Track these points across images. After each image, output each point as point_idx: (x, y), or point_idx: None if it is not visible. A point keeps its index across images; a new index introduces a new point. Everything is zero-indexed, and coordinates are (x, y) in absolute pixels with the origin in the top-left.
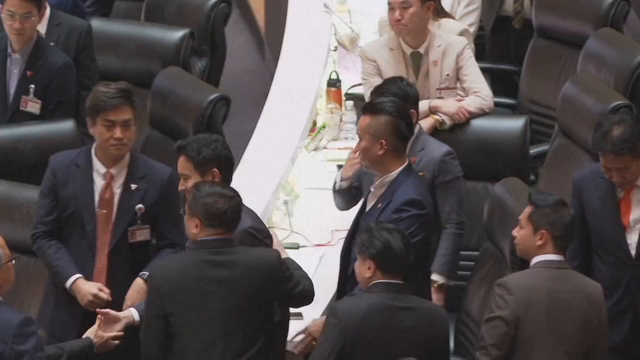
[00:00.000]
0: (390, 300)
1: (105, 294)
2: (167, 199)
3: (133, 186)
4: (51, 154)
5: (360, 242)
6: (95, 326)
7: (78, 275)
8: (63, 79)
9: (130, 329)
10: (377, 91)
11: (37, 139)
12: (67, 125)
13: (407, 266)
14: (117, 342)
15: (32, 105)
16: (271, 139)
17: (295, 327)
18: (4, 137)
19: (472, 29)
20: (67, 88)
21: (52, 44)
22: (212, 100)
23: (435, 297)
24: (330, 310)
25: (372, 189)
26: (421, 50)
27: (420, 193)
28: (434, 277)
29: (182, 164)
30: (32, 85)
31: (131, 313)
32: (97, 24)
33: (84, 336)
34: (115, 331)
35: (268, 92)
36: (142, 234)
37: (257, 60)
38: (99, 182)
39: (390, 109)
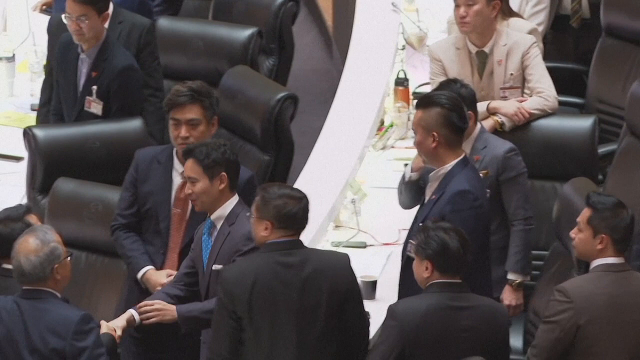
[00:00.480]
0: (449, 300)
1: None
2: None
3: None
4: (119, 153)
5: (416, 242)
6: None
7: (149, 266)
8: (124, 82)
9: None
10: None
11: (106, 138)
12: (135, 124)
13: (464, 265)
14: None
15: (95, 106)
16: (339, 137)
17: None
18: (73, 135)
19: (540, 28)
20: (129, 91)
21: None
22: (280, 99)
23: (513, 296)
24: (388, 312)
25: (428, 183)
26: (486, 49)
27: (472, 185)
28: (510, 276)
29: (191, 167)
30: (95, 87)
31: (131, 314)
32: (165, 22)
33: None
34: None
35: (336, 91)
36: None
37: (325, 59)
38: (177, 181)
39: (441, 100)
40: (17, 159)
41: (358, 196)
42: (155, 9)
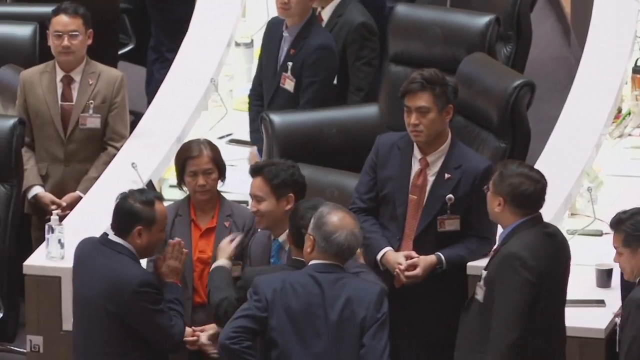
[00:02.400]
0: None
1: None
2: (479, 192)
3: (446, 175)
4: (355, 139)
5: (623, 235)
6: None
7: (389, 248)
8: (316, 60)
9: None
10: None
11: (342, 124)
12: (371, 110)
13: None
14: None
15: (289, 83)
16: (576, 125)
17: (595, 313)
18: (309, 121)
19: None
20: (319, 70)
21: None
22: (516, 87)
23: None
24: (635, 303)
25: None
26: None
27: None
28: None
29: (258, 186)
30: (290, 63)
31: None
32: (402, 9)
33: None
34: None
35: (573, 79)
36: (451, 224)
37: (563, 47)
38: (415, 167)
39: None
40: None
41: (594, 184)
42: None
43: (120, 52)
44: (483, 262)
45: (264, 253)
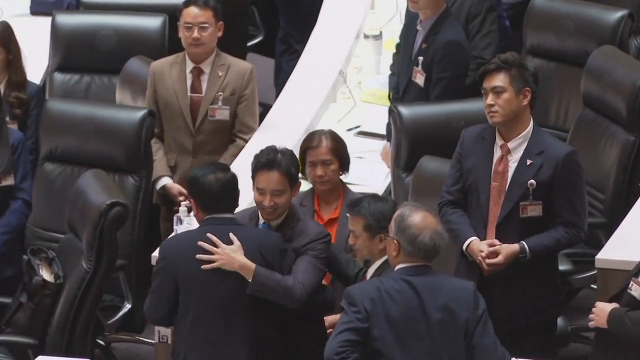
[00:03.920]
0: None
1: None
2: (562, 177)
3: (528, 161)
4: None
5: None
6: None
7: (473, 237)
8: (444, 56)
9: None
10: None
11: (470, 116)
12: None
13: None
14: None
15: (419, 77)
16: None
17: None
18: (438, 114)
19: None
20: (448, 66)
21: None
22: None
23: None
24: None
25: None
26: None
27: None
28: None
29: (279, 180)
30: (421, 57)
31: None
32: (540, 1)
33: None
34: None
35: None
36: (533, 210)
37: None
38: (497, 154)
39: None
40: (382, 136)
41: None
42: None
43: (249, 44)
44: (613, 255)
45: None
